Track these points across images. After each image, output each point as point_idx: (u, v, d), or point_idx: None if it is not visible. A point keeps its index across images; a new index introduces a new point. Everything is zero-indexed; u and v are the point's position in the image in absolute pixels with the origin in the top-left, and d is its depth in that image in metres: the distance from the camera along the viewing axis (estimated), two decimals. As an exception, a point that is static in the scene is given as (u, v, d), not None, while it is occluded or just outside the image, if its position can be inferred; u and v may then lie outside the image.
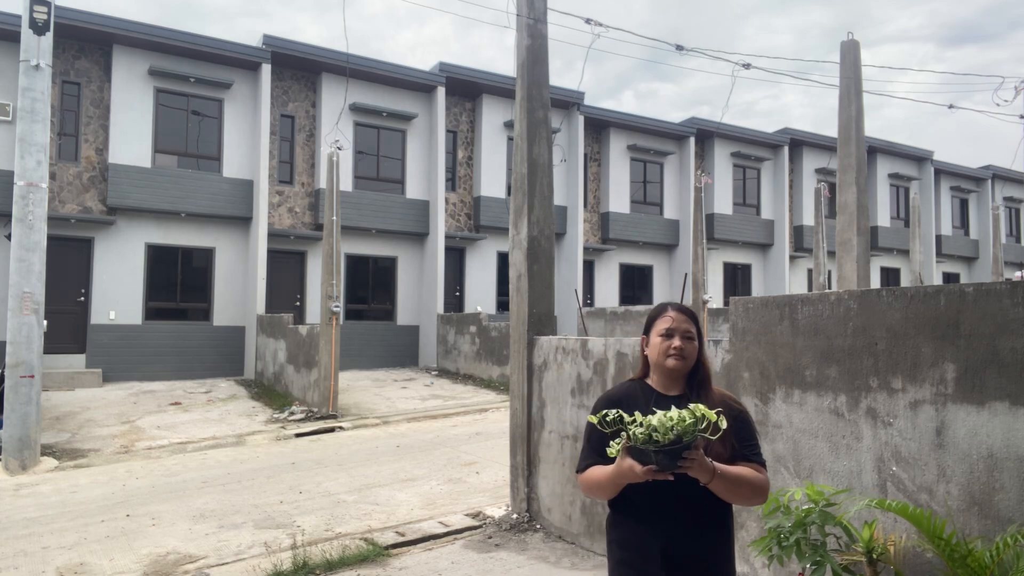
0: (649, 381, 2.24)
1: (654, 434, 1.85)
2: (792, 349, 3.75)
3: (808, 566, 2.64)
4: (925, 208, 26.07)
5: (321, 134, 16.99)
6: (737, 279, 24.23)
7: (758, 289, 24.22)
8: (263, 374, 15.48)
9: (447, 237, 18.59)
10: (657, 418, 1.86)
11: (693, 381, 2.19)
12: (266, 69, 16.37)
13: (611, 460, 1.99)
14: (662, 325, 2.20)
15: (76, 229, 15.02)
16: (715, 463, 1.97)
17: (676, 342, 2.17)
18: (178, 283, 16.25)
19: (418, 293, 18.67)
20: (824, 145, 24.55)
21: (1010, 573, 2.39)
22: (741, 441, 2.11)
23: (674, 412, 1.87)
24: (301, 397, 12.92)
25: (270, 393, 14.07)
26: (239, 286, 16.65)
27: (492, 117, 19.47)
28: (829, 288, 18.76)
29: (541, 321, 6.17)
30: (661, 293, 22.57)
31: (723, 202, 23.23)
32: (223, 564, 5.28)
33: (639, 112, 40.86)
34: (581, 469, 2.16)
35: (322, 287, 12.39)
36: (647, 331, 2.26)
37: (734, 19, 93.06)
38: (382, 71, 17.66)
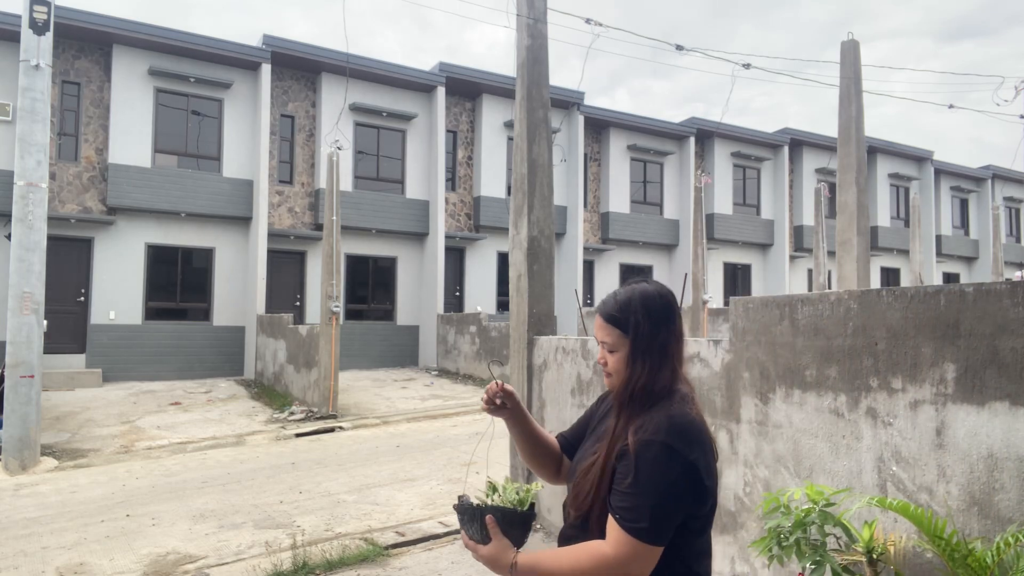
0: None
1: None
2: (792, 349, 3.74)
3: (808, 566, 2.64)
4: (925, 208, 26.06)
5: (321, 134, 16.99)
6: (737, 279, 24.22)
7: (758, 289, 24.21)
8: (263, 374, 15.48)
9: (447, 237, 18.59)
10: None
11: (625, 399, 1.70)
12: (266, 69, 16.37)
13: None
14: None
15: (76, 229, 15.02)
16: (518, 558, 1.71)
17: (598, 355, 1.78)
18: (178, 283, 16.25)
19: (418, 293, 18.66)
20: (824, 145, 24.54)
21: (1010, 573, 2.38)
22: (613, 486, 1.63)
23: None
24: (301, 397, 12.92)
25: (270, 393, 14.07)
26: (239, 286, 16.65)
27: (492, 117, 19.46)
28: (829, 288, 18.76)
29: (541, 321, 6.17)
30: (661, 293, 22.51)
31: (723, 202, 23.23)
32: (223, 564, 5.27)
33: (634, 110, 40.88)
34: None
35: (322, 287, 12.39)
36: None
37: (729, 15, 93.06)
38: (382, 71, 17.66)
